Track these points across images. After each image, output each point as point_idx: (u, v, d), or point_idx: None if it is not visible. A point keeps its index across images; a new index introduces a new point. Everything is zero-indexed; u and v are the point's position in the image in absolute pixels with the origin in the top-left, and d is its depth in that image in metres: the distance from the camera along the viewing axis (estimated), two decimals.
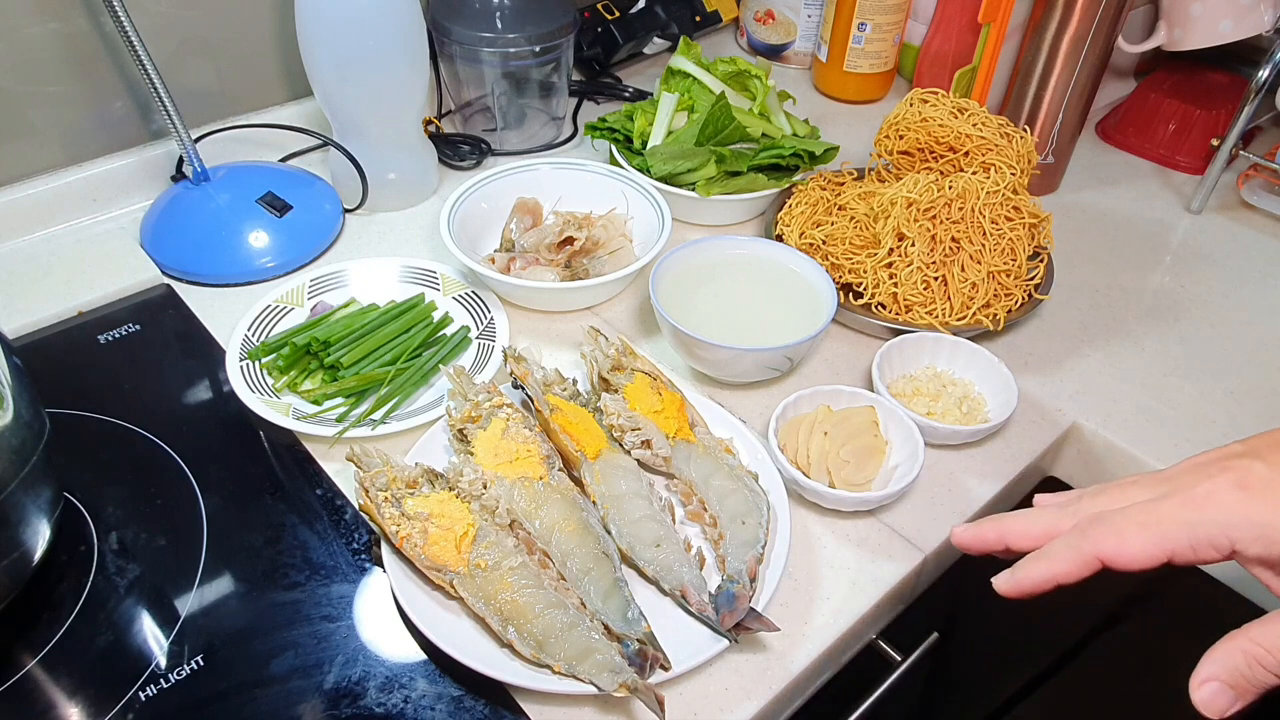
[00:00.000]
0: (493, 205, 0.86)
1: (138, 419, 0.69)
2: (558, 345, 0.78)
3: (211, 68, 0.91)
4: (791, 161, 0.89)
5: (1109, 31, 0.87)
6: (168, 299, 0.81)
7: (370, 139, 0.88)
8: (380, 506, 0.58)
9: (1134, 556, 0.42)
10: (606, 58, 1.12)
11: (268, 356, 0.72)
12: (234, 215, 0.84)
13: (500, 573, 0.55)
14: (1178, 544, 0.42)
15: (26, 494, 0.52)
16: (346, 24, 0.79)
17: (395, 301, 0.78)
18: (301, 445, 0.68)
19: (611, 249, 0.83)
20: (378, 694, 0.53)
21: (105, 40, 0.83)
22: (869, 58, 1.10)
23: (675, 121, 0.93)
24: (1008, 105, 0.95)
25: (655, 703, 0.50)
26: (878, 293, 0.76)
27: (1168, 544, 0.42)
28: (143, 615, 0.57)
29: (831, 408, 0.68)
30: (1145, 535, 0.42)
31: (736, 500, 0.61)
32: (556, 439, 0.63)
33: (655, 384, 0.68)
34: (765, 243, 0.79)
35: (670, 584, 0.57)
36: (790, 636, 0.57)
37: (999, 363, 0.71)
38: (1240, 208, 0.98)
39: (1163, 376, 0.76)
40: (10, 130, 0.82)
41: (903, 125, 0.84)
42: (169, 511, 0.63)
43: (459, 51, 0.94)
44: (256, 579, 0.59)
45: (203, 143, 0.88)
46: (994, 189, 0.76)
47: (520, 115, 1.01)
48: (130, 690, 0.53)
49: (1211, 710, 0.41)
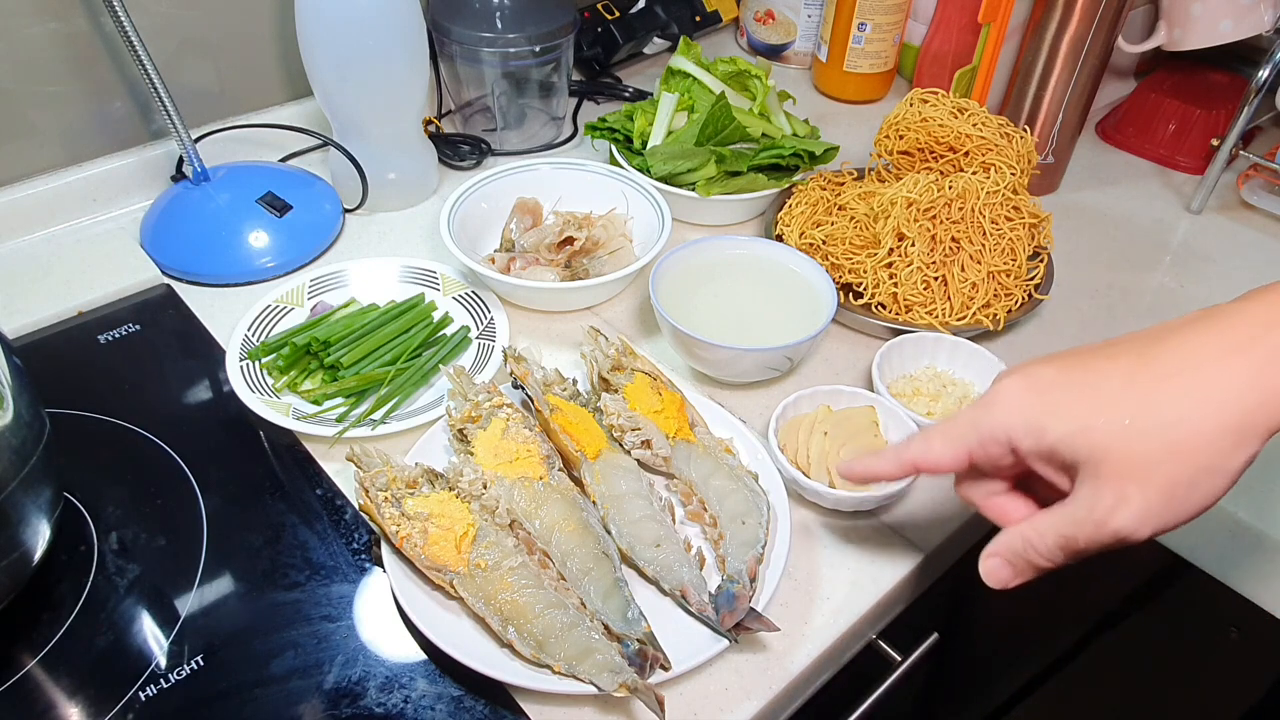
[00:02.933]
0: (493, 205, 0.86)
1: (138, 419, 0.69)
2: (558, 345, 0.78)
3: (211, 68, 0.91)
4: (791, 161, 0.89)
5: (1109, 31, 0.87)
6: (168, 299, 0.81)
7: (370, 139, 0.88)
8: (380, 506, 0.58)
9: (938, 458, 0.48)
10: (606, 58, 1.12)
11: (268, 356, 0.72)
12: (234, 215, 0.84)
13: (500, 573, 0.55)
14: (970, 443, 0.46)
15: (26, 494, 0.52)
16: (346, 24, 0.79)
17: (395, 301, 0.78)
18: (301, 445, 0.68)
19: (611, 249, 0.83)
20: (378, 694, 0.53)
21: (105, 40, 0.83)
22: (869, 58, 1.10)
23: (675, 121, 0.93)
24: (1008, 105, 0.95)
25: (655, 703, 0.50)
26: (878, 293, 0.76)
27: (963, 445, 0.47)
28: (143, 615, 0.57)
29: (831, 408, 0.68)
30: (944, 440, 0.48)
31: (736, 500, 0.61)
32: (556, 439, 0.63)
33: (655, 384, 0.68)
34: (765, 243, 0.79)
35: (670, 584, 0.57)
36: (790, 636, 0.57)
37: (999, 363, 0.71)
38: (1240, 208, 0.98)
39: None
40: (10, 130, 0.82)
41: (903, 125, 0.84)
42: (169, 511, 0.63)
43: (459, 51, 0.94)
44: (256, 579, 0.59)
45: (203, 143, 0.88)
46: (994, 189, 0.76)
47: (520, 115, 1.01)
48: (130, 690, 0.53)
49: (993, 580, 0.47)
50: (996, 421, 0.45)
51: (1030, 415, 0.44)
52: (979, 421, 0.46)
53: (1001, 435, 0.45)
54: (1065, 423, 0.43)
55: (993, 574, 0.46)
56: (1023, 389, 0.45)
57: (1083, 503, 0.42)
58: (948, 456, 0.48)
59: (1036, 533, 0.44)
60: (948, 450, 0.47)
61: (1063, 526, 0.43)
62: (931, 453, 0.48)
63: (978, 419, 0.46)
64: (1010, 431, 0.45)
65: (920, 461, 0.49)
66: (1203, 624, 0.80)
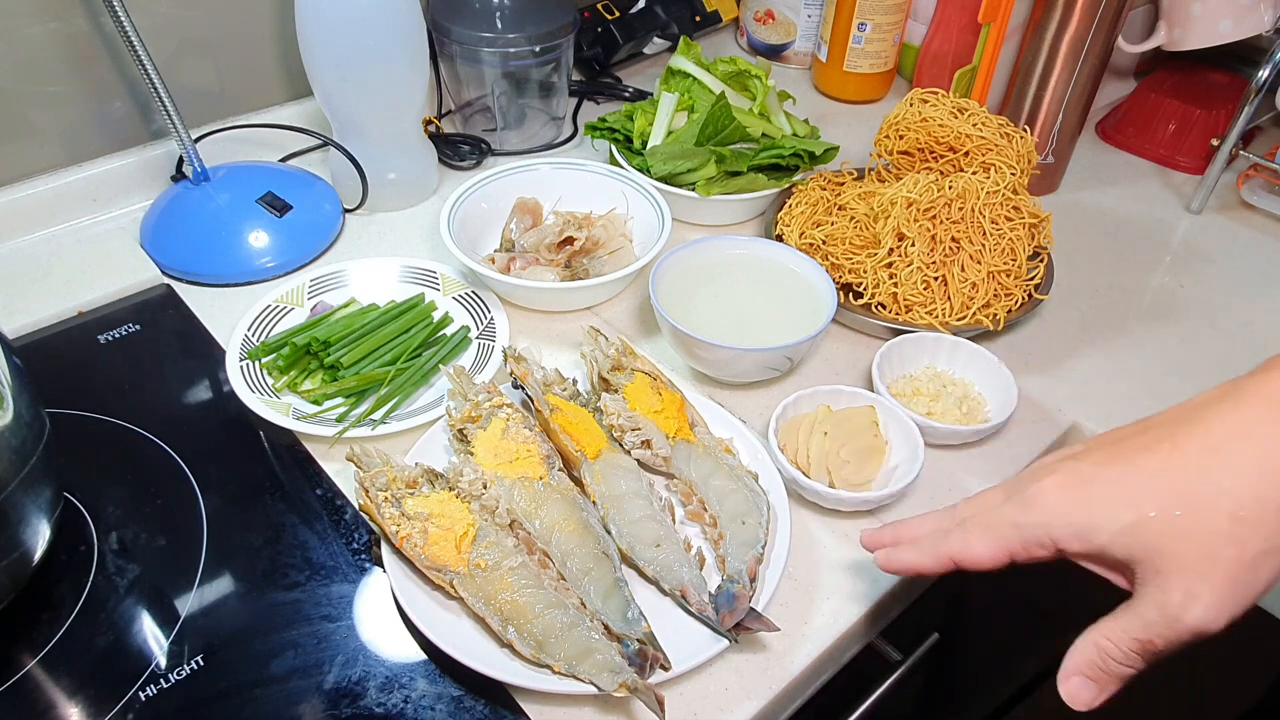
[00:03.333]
0: (493, 205, 0.86)
1: (138, 419, 0.69)
2: (558, 345, 0.78)
3: (211, 68, 0.91)
4: (791, 161, 0.89)
5: (1109, 31, 0.87)
6: (168, 299, 0.81)
7: (370, 139, 0.88)
8: (380, 506, 0.58)
9: (978, 558, 0.47)
10: (606, 58, 1.12)
11: (268, 356, 0.72)
12: (234, 215, 0.84)
13: (500, 573, 0.55)
14: (1011, 545, 0.46)
15: (26, 494, 0.52)
16: (346, 24, 0.79)
17: (395, 301, 0.78)
18: (301, 445, 0.68)
19: (611, 249, 0.83)
20: (378, 694, 0.53)
21: (105, 40, 0.83)
22: (869, 58, 1.10)
23: (675, 121, 0.93)
24: (1008, 105, 0.95)
25: (655, 703, 0.50)
26: (878, 293, 0.76)
27: (1004, 545, 0.46)
28: (143, 615, 0.57)
29: (831, 408, 0.68)
30: (985, 539, 0.47)
31: (736, 500, 0.61)
32: (556, 439, 0.63)
33: (655, 384, 0.68)
34: (765, 243, 0.79)
35: (670, 584, 0.57)
36: (790, 636, 0.57)
37: (999, 363, 0.71)
38: (1240, 208, 0.98)
39: (1163, 376, 0.76)
40: (10, 130, 0.82)
41: (903, 125, 0.84)
42: (169, 511, 0.63)
43: (459, 51, 0.94)
44: (256, 579, 0.59)
45: (203, 143, 0.88)
46: (994, 189, 0.76)
47: (520, 115, 1.01)
48: (130, 690, 0.53)
49: (1078, 703, 0.44)
50: (1038, 523, 0.45)
51: (1075, 517, 0.43)
52: (1020, 524, 0.45)
53: (1045, 538, 0.44)
54: (1114, 522, 0.42)
55: (1077, 696, 0.44)
56: (1062, 488, 0.44)
57: (1151, 604, 0.41)
58: (987, 557, 0.47)
59: (1110, 642, 0.43)
60: (988, 551, 0.47)
61: (1136, 631, 0.42)
62: (971, 551, 0.47)
63: (1019, 521, 0.45)
64: (1054, 534, 0.44)
65: (960, 559, 0.48)
66: None
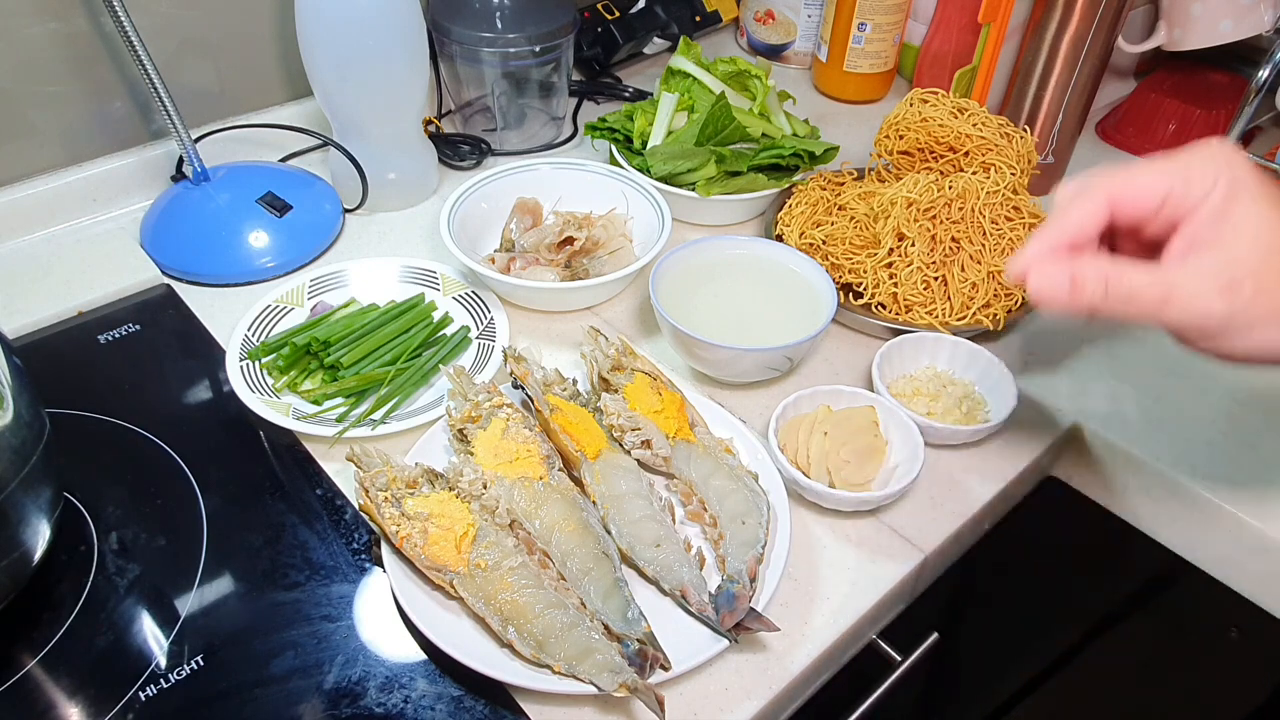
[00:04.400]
0: (493, 205, 0.86)
1: (138, 419, 0.69)
2: (558, 345, 0.78)
3: (211, 68, 0.91)
4: (791, 161, 0.89)
5: (1109, 31, 0.87)
6: (168, 299, 0.81)
7: (370, 139, 0.88)
8: (380, 506, 0.58)
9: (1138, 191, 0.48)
10: (606, 58, 1.12)
11: (268, 356, 0.72)
12: (234, 215, 0.84)
13: (500, 573, 0.55)
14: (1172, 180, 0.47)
15: (26, 494, 0.52)
16: (346, 24, 0.79)
17: (395, 301, 0.78)
18: (301, 445, 0.68)
19: (611, 249, 0.83)
20: (378, 694, 0.53)
21: (105, 40, 0.83)
22: (869, 58, 1.10)
23: (675, 121, 0.93)
24: (1008, 105, 0.95)
25: (655, 703, 0.50)
26: (878, 293, 0.76)
27: (1163, 179, 0.47)
28: (143, 615, 0.57)
29: (831, 408, 0.68)
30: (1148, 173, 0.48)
31: (736, 500, 0.61)
32: (556, 439, 0.63)
33: (655, 384, 0.68)
34: (765, 243, 0.79)
35: (670, 584, 0.57)
36: (790, 636, 0.57)
37: (999, 363, 0.71)
38: None
39: (1163, 376, 0.76)
40: (10, 130, 0.82)
41: (903, 125, 0.84)
42: (169, 511, 0.63)
43: (459, 51, 0.94)
44: (256, 579, 0.59)
45: (203, 143, 0.88)
46: (994, 189, 0.76)
47: (520, 115, 1.01)
48: (130, 690, 0.53)
49: (1045, 290, 0.48)
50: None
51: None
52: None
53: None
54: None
55: (1040, 288, 0.48)
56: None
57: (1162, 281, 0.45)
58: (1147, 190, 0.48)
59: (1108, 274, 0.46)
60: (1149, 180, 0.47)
61: (1136, 285, 0.46)
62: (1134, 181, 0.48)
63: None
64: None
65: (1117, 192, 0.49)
66: (1203, 624, 0.80)
